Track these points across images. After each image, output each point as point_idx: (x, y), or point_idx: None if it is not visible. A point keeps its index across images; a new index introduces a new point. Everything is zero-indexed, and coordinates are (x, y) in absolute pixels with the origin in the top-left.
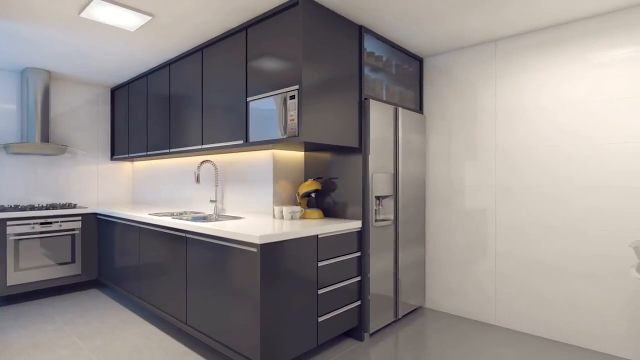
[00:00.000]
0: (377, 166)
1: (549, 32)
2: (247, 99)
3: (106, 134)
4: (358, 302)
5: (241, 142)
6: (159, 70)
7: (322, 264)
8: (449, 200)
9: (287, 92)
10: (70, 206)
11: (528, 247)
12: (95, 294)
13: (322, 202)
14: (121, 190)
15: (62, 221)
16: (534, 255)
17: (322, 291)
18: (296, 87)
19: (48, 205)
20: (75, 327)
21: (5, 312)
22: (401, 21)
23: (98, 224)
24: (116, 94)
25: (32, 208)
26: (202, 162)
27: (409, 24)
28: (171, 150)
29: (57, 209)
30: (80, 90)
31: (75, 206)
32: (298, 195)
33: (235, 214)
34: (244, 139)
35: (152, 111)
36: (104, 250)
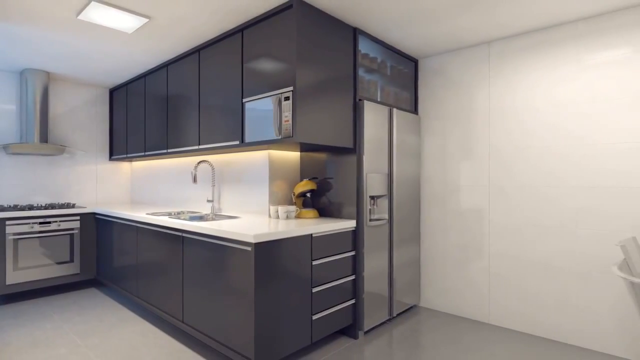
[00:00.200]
0: (371, 166)
1: (541, 34)
2: (243, 100)
3: (105, 134)
4: (352, 301)
5: (237, 142)
6: (156, 71)
7: (317, 262)
8: (444, 200)
9: (281, 93)
10: (69, 206)
11: (521, 246)
12: (94, 293)
13: (318, 202)
14: (120, 190)
15: (60, 221)
16: (527, 254)
17: (316, 289)
18: (290, 88)
19: (47, 205)
20: (74, 326)
21: (4, 311)
22: (395, 23)
23: (96, 224)
24: (114, 94)
25: (31, 208)
26: (199, 163)
27: (403, 26)
28: (169, 151)
29: (56, 208)
30: (79, 91)
31: (74, 206)
32: (294, 195)
33: (232, 213)
34: (240, 139)
35: (150, 112)
36: (103, 249)
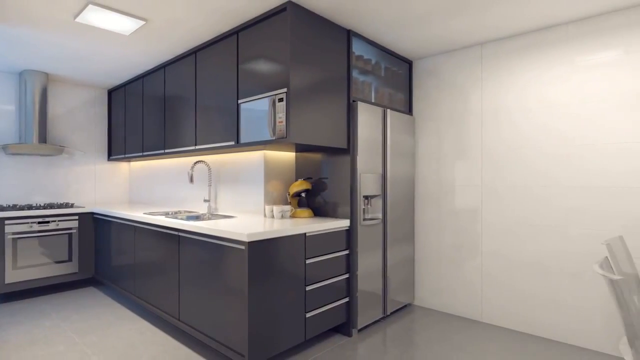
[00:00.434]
0: (365, 167)
1: (533, 36)
2: (238, 101)
3: (103, 134)
4: (346, 299)
5: (232, 143)
6: (154, 73)
7: (310, 261)
8: (438, 200)
9: (275, 95)
10: (67, 206)
11: (513, 246)
12: (92, 291)
13: (313, 202)
14: (118, 190)
15: (59, 220)
16: (519, 254)
17: (310, 288)
18: (284, 90)
19: (46, 204)
20: (72, 324)
21: (3, 309)
22: (388, 26)
23: (95, 223)
24: (113, 95)
25: (30, 207)
26: (196, 163)
27: (396, 28)
28: (166, 151)
29: (54, 208)
30: (78, 92)
31: (73, 206)
32: (289, 194)
33: (228, 213)
34: (235, 140)
35: (147, 112)
36: (101, 248)
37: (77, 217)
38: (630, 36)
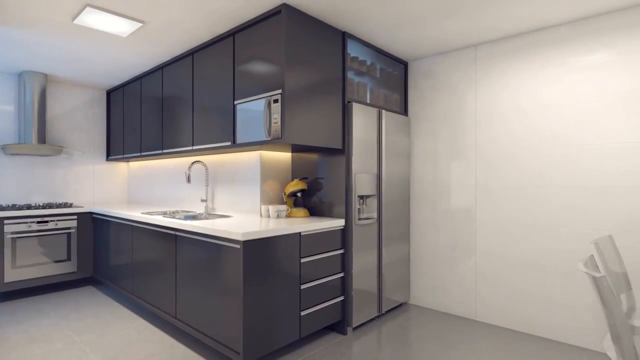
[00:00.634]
0: (360, 167)
1: (526, 37)
2: (235, 101)
3: (102, 135)
4: (341, 298)
5: (229, 143)
6: (152, 74)
7: (305, 260)
8: (433, 200)
9: (271, 96)
10: (66, 205)
11: (507, 245)
12: (91, 290)
13: (309, 202)
14: (117, 190)
15: (58, 220)
16: (512, 253)
17: (304, 286)
18: (279, 91)
19: (45, 204)
20: (70, 322)
21: (2, 308)
22: (383, 27)
23: (93, 223)
24: (111, 96)
25: (29, 207)
26: (193, 163)
27: (391, 30)
28: (164, 151)
29: (53, 208)
30: (77, 93)
31: (72, 205)
32: (285, 194)
33: (225, 212)
34: (232, 140)
35: (146, 113)
36: (99, 248)
37: (75, 217)
38: (622, 37)
